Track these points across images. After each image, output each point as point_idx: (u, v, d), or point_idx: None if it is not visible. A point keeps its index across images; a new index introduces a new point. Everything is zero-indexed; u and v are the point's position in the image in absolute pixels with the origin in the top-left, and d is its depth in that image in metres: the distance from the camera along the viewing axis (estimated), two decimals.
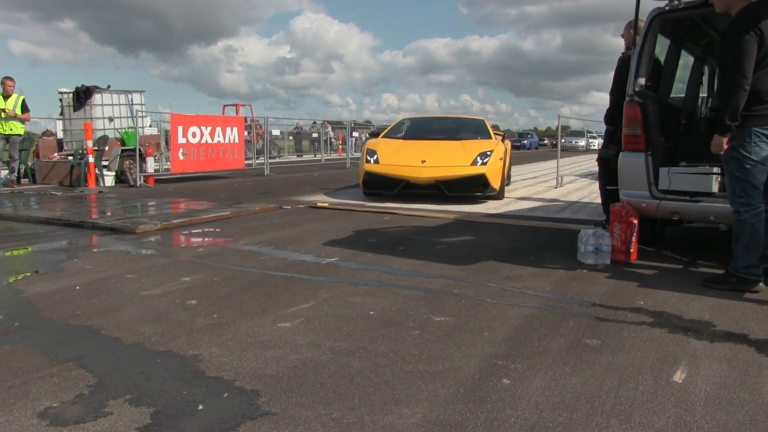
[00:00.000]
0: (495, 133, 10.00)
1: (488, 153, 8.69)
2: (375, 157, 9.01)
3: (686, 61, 6.34)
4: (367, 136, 15.21)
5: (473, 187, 8.59)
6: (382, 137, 10.27)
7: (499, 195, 8.93)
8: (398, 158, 8.93)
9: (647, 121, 4.70)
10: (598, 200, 6.87)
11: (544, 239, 5.80)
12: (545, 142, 51.72)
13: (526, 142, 45.22)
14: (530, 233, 6.16)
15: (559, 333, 3.04)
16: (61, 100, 12.92)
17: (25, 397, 2.28)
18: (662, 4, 4.87)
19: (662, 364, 2.64)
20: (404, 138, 10.04)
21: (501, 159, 8.86)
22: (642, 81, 4.79)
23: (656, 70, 5.30)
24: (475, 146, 9.00)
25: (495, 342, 2.91)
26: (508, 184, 10.36)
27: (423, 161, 8.68)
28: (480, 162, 8.58)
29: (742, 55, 3.75)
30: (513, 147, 43.25)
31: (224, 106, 29.38)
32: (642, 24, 4.98)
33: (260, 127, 20.10)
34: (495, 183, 8.63)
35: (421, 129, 10.58)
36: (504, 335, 3.00)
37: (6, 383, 2.41)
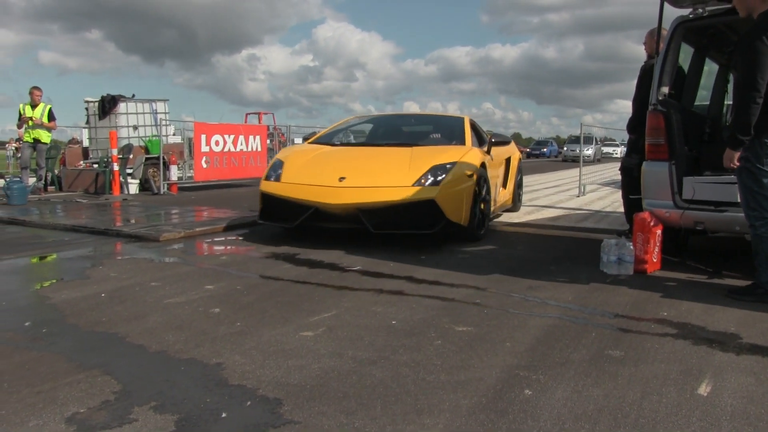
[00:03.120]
0: (491, 136, 7.13)
1: (447, 167, 5.71)
2: (279, 172, 6.11)
3: (710, 68, 6.30)
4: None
5: (416, 220, 5.59)
6: (309, 142, 7.46)
7: (470, 231, 5.92)
8: (308, 174, 5.93)
9: (670, 130, 4.67)
10: (621, 209, 6.82)
11: (566, 249, 5.77)
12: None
13: (545, 150, 44.95)
14: (552, 242, 6.13)
15: (582, 344, 3.03)
16: (86, 109, 13.12)
17: (53, 403, 2.32)
18: (686, 12, 4.84)
19: (686, 377, 2.62)
20: (336, 144, 7.12)
21: (471, 175, 5.86)
22: (665, 90, 4.76)
23: (680, 79, 5.27)
24: (429, 156, 5.97)
25: (517, 352, 2.90)
26: (512, 210, 8.38)
27: (341, 178, 5.66)
28: (429, 181, 5.58)
29: (755, 65, 3.66)
30: (532, 156, 42.74)
31: (247, 114, 29.60)
32: (665, 32, 4.95)
33: (282, 135, 20.22)
34: (454, 213, 5.59)
35: (372, 131, 7.95)
36: (526, 346, 3.00)
37: (35, 388, 2.45)
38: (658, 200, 4.71)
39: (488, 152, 6.81)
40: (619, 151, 39.63)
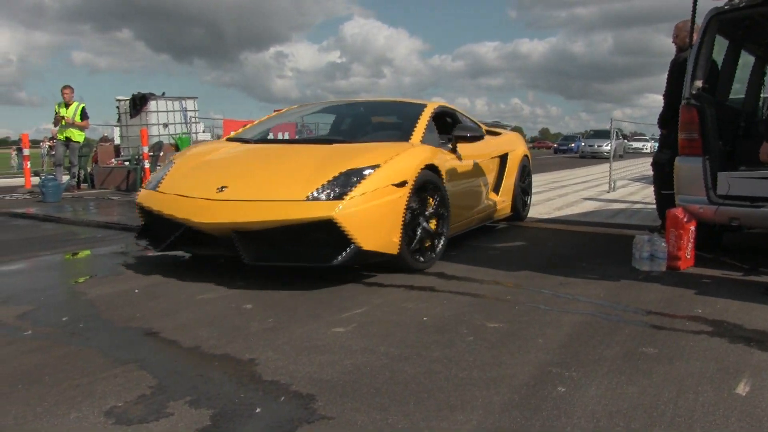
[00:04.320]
0: (458, 128, 5.50)
1: (365, 172, 4.16)
2: (160, 178, 4.74)
3: (746, 60, 6.17)
4: None
5: (311, 247, 4.05)
6: (227, 138, 5.97)
7: (404, 262, 4.38)
8: (188, 182, 4.52)
9: (704, 124, 4.60)
10: (652, 205, 6.74)
11: (597, 245, 5.72)
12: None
13: (573, 145, 43.86)
14: (582, 239, 6.08)
15: (615, 341, 3.00)
16: (118, 107, 13.32)
17: (92, 396, 2.36)
18: (721, 3, 4.76)
19: (724, 375, 2.58)
20: (251, 141, 5.52)
21: (403, 183, 4.25)
22: (699, 84, 4.69)
23: (713, 72, 5.18)
24: (347, 157, 4.41)
25: (549, 349, 2.88)
26: (514, 219, 6.99)
27: (221, 188, 4.23)
28: (331, 193, 4.01)
29: None
30: (559, 151, 41.82)
31: (275, 111, 29.78)
32: (698, 25, 4.87)
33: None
34: (370, 237, 4.02)
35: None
36: (558, 342, 2.98)
37: (74, 382, 2.50)
38: (691, 196, 4.64)
39: (454, 151, 5.39)
40: (649, 147, 38.80)
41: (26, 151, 11.94)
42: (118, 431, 2.08)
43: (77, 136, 11.23)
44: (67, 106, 11.07)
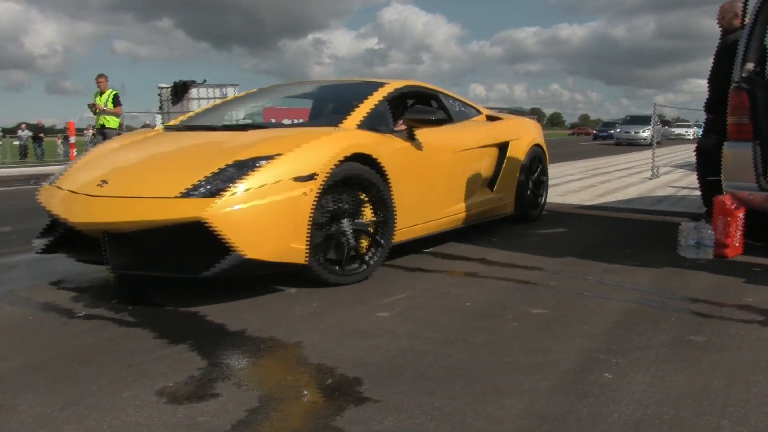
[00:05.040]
0: (412, 110, 4.54)
1: (258, 163, 3.44)
2: (64, 169, 4.24)
3: None
4: None
5: (184, 253, 3.42)
6: (164, 126, 5.13)
7: (314, 274, 3.65)
8: (79, 174, 3.91)
9: (755, 108, 4.48)
10: (697, 192, 6.61)
11: (640, 232, 5.64)
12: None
13: (613, 132, 42.77)
14: (626, 225, 6.00)
15: (661, 329, 2.96)
16: (159, 95, 13.56)
17: (143, 376, 2.42)
18: None
19: None
20: (178, 128, 4.74)
21: (310, 177, 3.51)
22: (750, 66, 4.57)
23: (765, 54, 5.04)
24: (248, 144, 3.73)
25: (594, 336, 2.86)
26: (527, 217, 6.05)
27: (103, 182, 3.59)
28: (206, 190, 3.30)
29: None
30: (599, 138, 40.67)
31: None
32: (749, 5, 4.74)
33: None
34: (258, 243, 3.31)
35: (235, 107, 6.04)
36: (603, 329, 2.95)
37: (126, 362, 2.57)
38: (740, 182, 4.53)
39: (411, 138, 4.45)
40: (692, 133, 37.89)
41: (72, 139, 12.24)
42: (170, 410, 2.13)
43: (111, 122, 11.48)
44: (101, 94, 11.30)
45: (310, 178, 3.50)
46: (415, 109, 4.57)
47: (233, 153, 3.56)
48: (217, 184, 3.31)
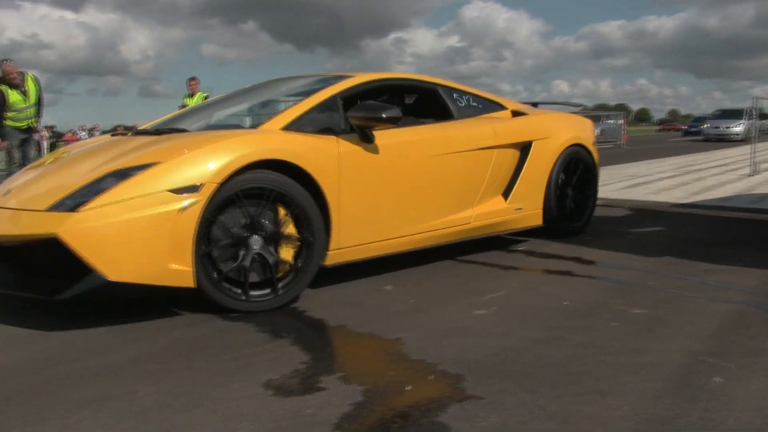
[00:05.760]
0: (362, 109, 3.76)
1: (131, 172, 3.08)
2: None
3: None
4: None
5: (41, 272, 3.18)
6: (135, 131, 4.42)
7: (210, 297, 3.19)
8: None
9: None
10: None
11: (743, 231, 5.40)
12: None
13: (704, 127, 40.56)
14: (726, 224, 5.76)
15: None
16: None
17: (249, 368, 2.51)
18: None
19: None
20: (140, 132, 4.23)
21: (193, 188, 3.05)
22: None
23: None
24: (139, 151, 3.36)
25: (699, 338, 2.77)
26: (567, 229, 5.10)
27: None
28: (71, 203, 3.01)
29: None
30: (690, 133, 38.89)
31: None
32: None
33: None
34: (119, 265, 2.92)
35: (189, 112, 4.79)
36: (709, 331, 2.85)
37: (230, 355, 2.67)
38: None
39: (365, 140, 3.77)
40: None
41: None
42: (277, 402, 2.20)
43: None
44: (192, 95, 11.69)
45: (192, 189, 3.06)
46: (363, 106, 3.82)
47: (120, 161, 3.25)
48: (84, 196, 3.02)
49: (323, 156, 3.52)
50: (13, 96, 7.71)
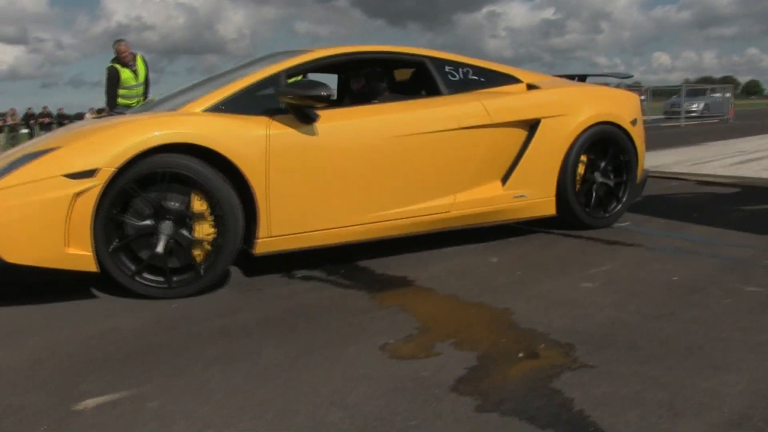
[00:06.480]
0: (303, 86, 3.52)
1: (33, 158, 3.13)
2: None
3: None
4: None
5: None
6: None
7: (117, 279, 3.19)
8: None
9: None
10: None
11: None
12: None
13: None
14: None
15: None
16: None
17: (364, 333, 2.66)
18: None
19: None
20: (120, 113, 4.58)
21: (87, 173, 3.02)
22: None
23: None
24: (62, 134, 3.67)
25: None
26: (595, 222, 4.41)
27: None
28: None
29: None
30: None
31: None
32: None
33: None
34: (15, 247, 3.01)
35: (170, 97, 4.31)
36: None
37: (346, 320, 2.83)
38: None
39: (305, 120, 3.51)
40: None
41: None
42: (393, 365, 2.33)
43: None
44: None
45: (88, 174, 3.02)
46: (293, 84, 3.61)
47: (36, 146, 3.32)
48: None
49: (245, 138, 3.34)
50: (125, 74, 8.17)
